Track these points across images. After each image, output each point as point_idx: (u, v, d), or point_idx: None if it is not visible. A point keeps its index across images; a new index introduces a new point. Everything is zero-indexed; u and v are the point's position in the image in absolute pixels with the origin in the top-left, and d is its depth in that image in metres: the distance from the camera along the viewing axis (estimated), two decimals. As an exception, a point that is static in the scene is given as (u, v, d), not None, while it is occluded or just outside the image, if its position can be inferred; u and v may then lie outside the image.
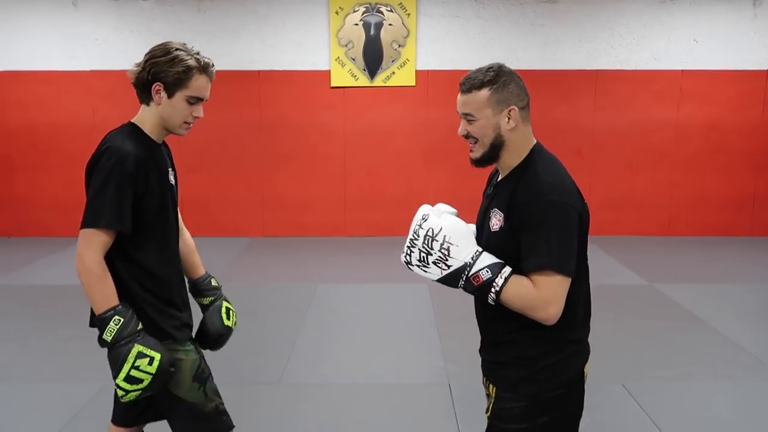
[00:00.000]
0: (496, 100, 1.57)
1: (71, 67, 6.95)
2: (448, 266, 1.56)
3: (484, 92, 1.57)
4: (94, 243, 1.73)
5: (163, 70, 1.77)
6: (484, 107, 1.58)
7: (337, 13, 6.82)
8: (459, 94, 1.62)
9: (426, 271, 1.61)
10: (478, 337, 1.83)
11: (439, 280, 1.59)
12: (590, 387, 3.40)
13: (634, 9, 6.89)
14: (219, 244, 6.79)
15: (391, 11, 6.82)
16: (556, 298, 1.50)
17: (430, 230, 1.59)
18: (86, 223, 1.73)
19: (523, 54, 6.97)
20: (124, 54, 6.84)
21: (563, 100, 7.03)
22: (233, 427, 2.02)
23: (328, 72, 6.96)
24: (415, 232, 1.64)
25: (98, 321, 1.73)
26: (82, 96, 6.98)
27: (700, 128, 7.10)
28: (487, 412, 1.73)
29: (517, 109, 1.59)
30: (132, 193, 1.75)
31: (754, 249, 6.74)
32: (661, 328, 4.40)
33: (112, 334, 1.72)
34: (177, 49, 1.80)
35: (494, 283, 1.52)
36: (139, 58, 1.85)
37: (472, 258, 1.54)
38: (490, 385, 1.73)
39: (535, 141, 1.67)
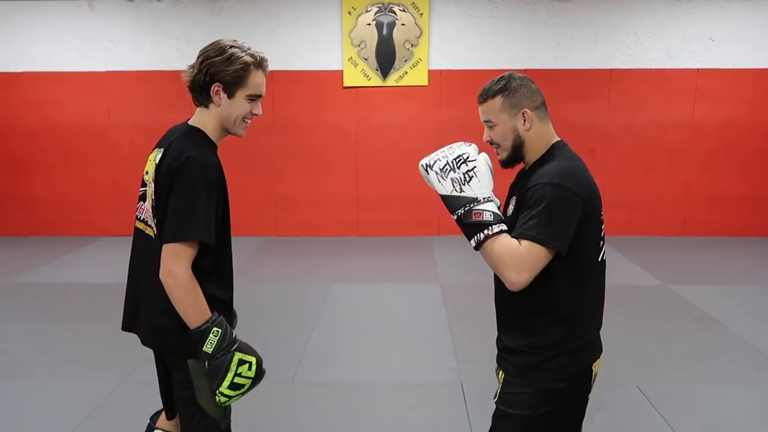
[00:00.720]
0: (509, 105, 1.71)
1: (87, 67, 7.02)
2: (462, 190, 1.62)
3: (498, 99, 1.72)
4: (184, 256, 1.67)
5: (221, 70, 1.73)
6: (499, 113, 1.72)
7: (349, 13, 6.83)
8: (478, 107, 1.77)
9: (439, 182, 1.65)
10: (492, 338, 1.86)
11: (444, 196, 1.65)
12: (604, 387, 3.41)
13: (648, 7, 6.84)
14: (232, 244, 6.82)
15: (404, 11, 6.82)
16: (532, 265, 1.55)
17: (466, 154, 1.66)
18: (175, 237, 1.66)
19: (536, 53, 6.94)
20: (139, 55, 6.90)
21: (577, 99, 6.99)
22: None
23: (341, 72, 6.98)
24: (450, 148, 1.69)
25: (196, 334, 1.69)
26: (98, 96, 7.04)
27: (716, 127, 7.03)
28: (495, 397, 1.79)
29: (529, 110, 1.72)
30: (215, 205, 1.72)
31: (772, 250, 6.67)
32: (676, 330, 4.36)
33: (213, 345, 1.69)
34: (231, 47, 1.76)
35: (490, 227, 1.58)
36: (154, 59, 1.87)
37: (484, 197, 1.62)
38: (500, 372, 1.79)
39: (557, 138, 1.79)
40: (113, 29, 6.96)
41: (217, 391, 1.73)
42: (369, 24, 6.85)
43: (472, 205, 1.61)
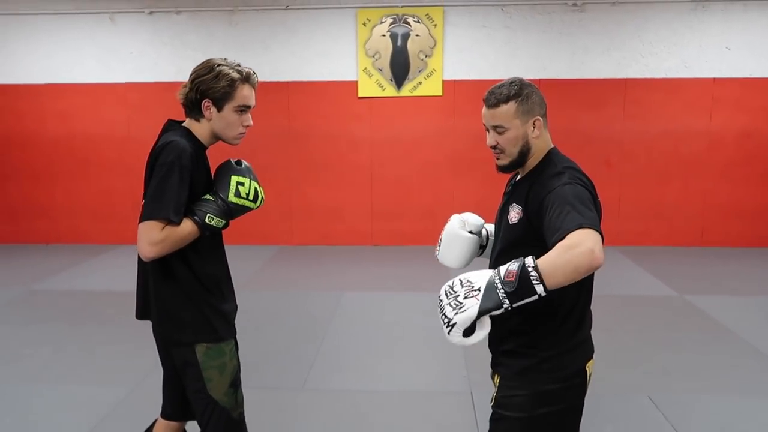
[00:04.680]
0: (523, 111, 1.70)
1: (107, 79, 7.18)
2: (478, 289, 1.45)
3: (511, 105, 1.69)
4: (155, 230, 1.76)
5: (210, 87, 1.87)
6: (512, 118, 1.70)
7: (364, 24, 6.91)
8: (484, 108, 1.75)
9: (465, 310, 1.43)
10: None
11: (480, 311, 1.42)
12: (615, 397, 3.40)
13: (664, 16, 6.82)
14: (247, 252, 6.90)
15: (418, 22, 6.88)
16: (597, 245, 1.40)
17: (447, 287, 1.52)
18: (147, 216, 1.77)
19: (551, 63, 6.95)
20: (158, 66, 7.04)
21: (592, 109, 6.98)
22: None
23: (356, 82, 7.04)
24: (439, 306, 1.53)
25: (205, 229, 1.86)
26: (118, 107, 7.19)
27: (733, 137, 6.97)
28: (491, 401, 1.80)
29: (541, 118, 1.73)
30: (187, 187, 1.82)
31: (791, 261, 6.57)
32: (690, 340, 4.31)
33: (217, 218, 1.88)
34: (219, 65, 1.89)
35: (525, 262, 1.42)
36: (172, 70, 1.96)
37: (493, 272, 1.48)
38: (496, 376, 1.80)
39: (552, 145, 1.79)
40: (133, 41, 7.11)
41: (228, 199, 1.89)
42: (383, 35, 6.92)
43: (499, 277, 1.44)
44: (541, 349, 1.69)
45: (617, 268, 6.30)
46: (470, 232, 1.99)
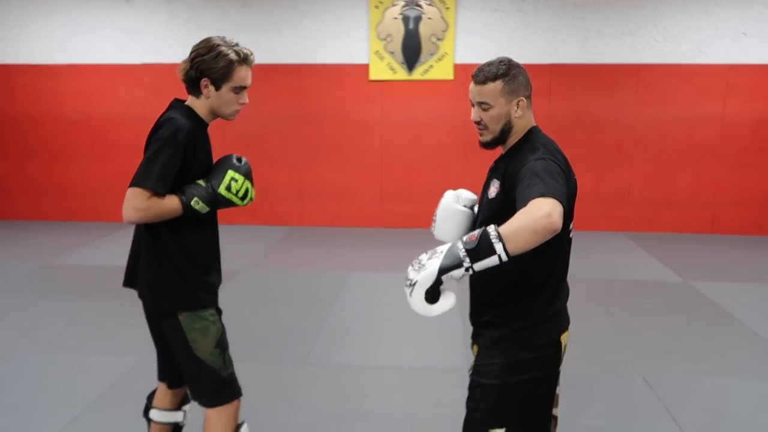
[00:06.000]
0: (508, 91, 1.76)
1: (124, 60, 7.29)
2: (441, 251, 1.49)
3: (498, 83, 1.75)
4: (140, 198, 1.86)
5: (209, 67, 1.94)
6: (498, 96, 1.75)
7: (376, 7, 6.93)
8: (472, 84, 1.80)
9: (426, 268, 1.46)
10: None
11: (441, 267, 1.45)
12: (610, 377, 3.46)
13: (679, 0, 6.74)
14: (258, 232, 7.03)
15: (430, 5, 6.88)
16: (555, 210, 1.45)
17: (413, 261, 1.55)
18: (135, 183, 1.86)
19: (563, 47, 6.91)
20: (173, 48, 7.14)
21: (604, 94, 6.94)
22: (242, 394, 2.17)
23: (367, 65, 7.08)
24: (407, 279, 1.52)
25: (188, 210, 1.94)
26: (134, 88, 7.32)
27: (747, 124, 6.90)
28: (470, 370, 1.89)
29: (524, 99, 1.78)
30: (179, 162, 1.91)
31: (802, 249, 6.52)
32: (690, 324, 4.35)
33: (203, 204, 1.96)
34: (218, 45, 1.96)
35: (488, 227, 1.47)
36: (187, 51, 2.03)
37: (456, 239, 1.54)
38: (475, 346, 1.90)
39: (534, 123, 1.84)
40: (149, 23, 7.21)
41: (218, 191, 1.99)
42: (396, 18, 6.93)
43: (462, 241, 1.49)
44: (515, 320, 1.76)
45: (625, 253, 6.31)
46: (464, 206, 2.05)
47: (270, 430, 2.89)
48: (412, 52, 6.98)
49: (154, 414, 2.31)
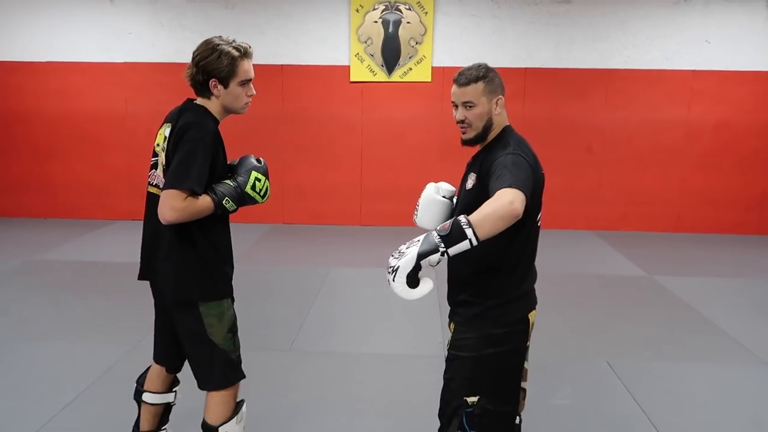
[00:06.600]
0: (489, 91, 1.97)
1: (107, 59, 7.37)
2: (418, 240, 1.67)
3: (480, 84, 1.96)
4: (179, 198, 1.94)
5: (215, 67, 2.05)
6: (480, 96, 1.96)
7: (357, 10, 7.12)
8: (455, 87, 2.01)
9: (406, 255, 1.65)
10: None
11: (420, 253, 1.63)
12: (575, 361, 3.71)
13: (647, 10, 7.06)
14: (241, 230, 7.08)
15: (410, 9, 7.10)
16: (517, 198, 1.67)
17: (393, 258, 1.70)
18: (172, 184, 1.94)
19: (537, 52, 7.19)
20: (155, 47, 7.24)
21: (575, 97, 7.23)
22: (245, 376, 2.33)
23: (348, 67, 7.27)
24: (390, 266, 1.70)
25: (219, 208, 2.06)
26: (116, 87, 7.39)
27: (710, 128, 7.25)
28: (447, 345, 2.09)
29: (502, 97, 2.00)
30: (210, 163, 2.03)
31: (762, 247, 6.88)
32: (652, 315, 4.62)
33: (233, 202, 2.08)
34: (218, 45, 2.06)
35: (458, 217, 1.67)
36: (170, 51, 2.18)
37: (432, 229, 1.72)
38: (451, 324, 2.09)
39: (508, 123, 2.06)
40: (132, 23, 7.30)
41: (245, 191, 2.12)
42: (376, 21, 7.14)
43: (436, 231, 1.67)
44: (488, 298, 1.97)
45: (593, 250, 6.59)
46: (444, 197, 2.26)
47: (257, 413, 3.05)
48: (391, 54, 7.19)
49: (147, 397, 2.42)
